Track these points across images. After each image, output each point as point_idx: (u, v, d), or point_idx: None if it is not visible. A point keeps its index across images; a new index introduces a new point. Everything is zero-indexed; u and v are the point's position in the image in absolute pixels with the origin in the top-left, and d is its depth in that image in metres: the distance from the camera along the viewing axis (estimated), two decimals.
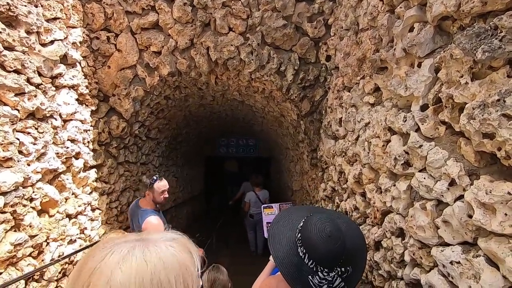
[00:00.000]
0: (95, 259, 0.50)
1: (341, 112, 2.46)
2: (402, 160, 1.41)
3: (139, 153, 4.19)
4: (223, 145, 8.52)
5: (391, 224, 1.52)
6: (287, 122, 4.13)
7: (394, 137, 1.52)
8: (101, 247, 0.52)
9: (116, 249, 0.51)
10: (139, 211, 2.48)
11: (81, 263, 0.51)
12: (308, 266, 0.98)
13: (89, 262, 0.50)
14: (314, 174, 3.56)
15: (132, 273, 0.48)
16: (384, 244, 1.61)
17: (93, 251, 0.52)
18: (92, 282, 0.47)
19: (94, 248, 0.53)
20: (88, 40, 2.92)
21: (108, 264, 0.48)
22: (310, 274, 0.97)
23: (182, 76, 3.38)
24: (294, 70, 3.06)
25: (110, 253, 0.50)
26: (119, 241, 0.53)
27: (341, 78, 2.50)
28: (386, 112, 1.62)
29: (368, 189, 1.84)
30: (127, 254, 0.50)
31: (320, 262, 0.96)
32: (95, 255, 0.51)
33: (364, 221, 1.97)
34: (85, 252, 0.63)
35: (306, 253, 0.99)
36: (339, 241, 0.97)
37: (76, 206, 2.84)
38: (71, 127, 2.69)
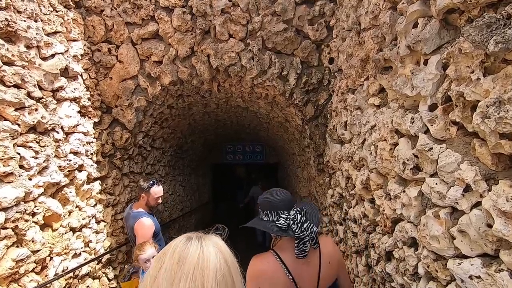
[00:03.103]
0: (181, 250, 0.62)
1: (346, 115, 2.38)
2: (411, 164, 1.32)
3: (144, 163, 4.17)
4: (229, 152, 8.47)
5: (402, 233, 1.42)
6: (292, 127, 4.05)
7: (402, 140, 1.43)
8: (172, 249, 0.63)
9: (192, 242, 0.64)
10: (132, 213, 2.56)
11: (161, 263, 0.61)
12: (272, 217, 1.29)
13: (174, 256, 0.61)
14: (322, 179, 3.46)
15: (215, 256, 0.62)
16: (395, 254, 1.50)
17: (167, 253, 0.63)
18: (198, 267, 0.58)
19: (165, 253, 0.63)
20: (89, 52, 2.93)
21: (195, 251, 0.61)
22: (277, 220, 1.27)
23: (184, 84, 3.36)
24: (296, 74, 2.99)
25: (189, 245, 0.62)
26: (183, 238, 0.66)
27: (345, 80, 2.42)
28: (393, 113, 1.54)
29: (376, 196, 1.75)
30: (201, 245, 0.63)
31: (276, 208, 1.28)
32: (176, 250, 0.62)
33: (374, 229, 1.86)
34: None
35: (264, 210, 1.32)
36: (282, 192, 1.36)
37: (80, 219, 2.81)
38: (73, 140, 2.68)
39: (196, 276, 0.57)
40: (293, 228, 1.23)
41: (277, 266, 1.24)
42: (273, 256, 1.27)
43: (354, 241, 2.23)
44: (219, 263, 0.60)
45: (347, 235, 2.40)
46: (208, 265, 0.59)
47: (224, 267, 0.61)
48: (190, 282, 0.57)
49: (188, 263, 0.58)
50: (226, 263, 0.62)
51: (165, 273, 0.58)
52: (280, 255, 1.27)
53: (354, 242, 2.21)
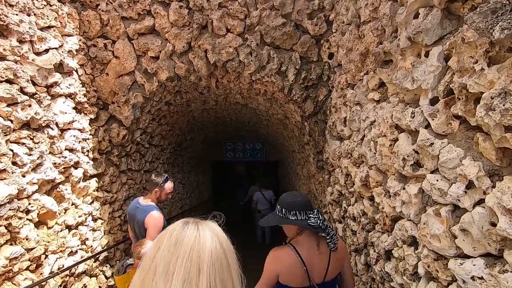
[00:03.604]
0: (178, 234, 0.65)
1: (346, 111, 2.33)
2: (411, 160, 1.27)
3: (143, 161, 4.13)
4: (229, 150, 8.42)
5: (402, 232, 1.37)
6: (292, 124, 4.00)
7: (402, 135, 1.38)
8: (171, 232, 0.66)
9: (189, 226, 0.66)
10: (141, 208, 2.50)
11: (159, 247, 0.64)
12: (301, 216, 1.45)
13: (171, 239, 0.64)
14: (321, 177, 3.42)
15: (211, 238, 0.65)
16: (395, 253, 1.46)
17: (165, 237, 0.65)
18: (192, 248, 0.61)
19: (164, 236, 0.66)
20: (85, 48, 2.88)
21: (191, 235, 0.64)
22: (308, 219, 1.43)
23: (181, 80, 3.31)
24: (295, 69, 2.94)
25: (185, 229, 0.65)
26: (181, 223, 0.68)
27: (344, 75, 2.37)
28: (392, 108, 1.49)
29: (376, 193, 1.70)
30: (198, 229, 0.66)
31: (305, 208, 1.46)
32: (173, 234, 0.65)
33: (373, 228, 1.82)
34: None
35: (292, 210, 1.46)
36: (302, 194, 1.59)
37: (76, 217, 2.78)
38: (69, 136, 2.64)
39: (192, 256, 0.60)
40: (321, 226, 1.42)
41: (294, 258, 1.45)
42: (291, 249, 1.47)
43: (353, 239, 2.18)
44: (215, 246, 0.63)
45: (346, 233, 2.36)
46: (203, 247, 0.62)
47: (219, 250, 0.64)
48: (187, 262, 0.60)
49: (185, 244, 0.61)
50: (221, 246, 0.65)
51: (162, 253, 0.61)
52: (297, 249, 1.47)
53: (353, 240, 2.17)
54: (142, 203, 2.57)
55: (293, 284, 1.46)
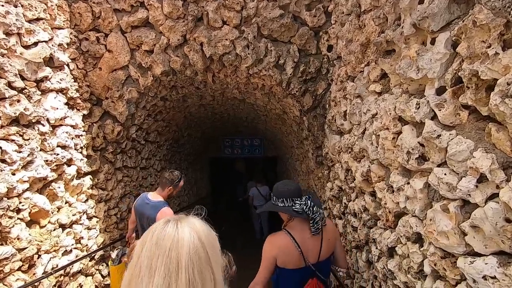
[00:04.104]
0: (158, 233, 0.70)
1: (346, 105, 2.26)
2: (416, 153, 1.21)
3: (139, 158, 4.06)
4: (227, 146, 8.35)
5: (406, 228, 1.32)
6: (290, 119, 3.93)
7: (406, 128, 1.32)
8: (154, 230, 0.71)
9: (169, 224, 0.71)
10: (152, 204, 2.48)
11: (143, 244, 0.69)
12: (288, 203, 1.59)
13: (153, 238, 0.69)
14: (320, 172, 3.36)
15: (190, 234, 0.70)
16: (399, 250, 1.41)
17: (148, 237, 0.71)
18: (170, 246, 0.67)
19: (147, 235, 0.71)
20: (76, 41, 2.79)
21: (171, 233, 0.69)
22: (293, 206, 1.57)
23: (177, 75, 3.23)
24: (293, 62, 2.87)
25: (166, 227, 0.70)
26: (164, 221, 0.73)
27: (344, 67, 2.30)
28: (396, 100, 1.43)
29: (378, 188, 1.64)
30: (180, 225, 0.71)
31: (291, 195, 1.59)
32: (155, 233, 0.70)
33: (375, 224, 1.77)
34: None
35: (280, 198, 1.61)
36: (293, 183, 1.70)
37: (70, 215, 2.71)
38: (61, 133, 2.57)
39: (172, 254, 0.66)
40: (307, 212, 1.54)
41: (288, 240, 1.57)
42: (286, 234, 1.59)
43: (354, 235, 2.13)
44: (192, 241, 0.69)
45: (347, 230, 2.30)
46: (182, 243, 0.68)
47: (197, 244, 0.69)
48: (166, 259, 0.66)
49: (164, 243, 0.67)
50: (199, 240, 0.70)
51: (146, 253, 0.68)
52: (292, 233, 1.59)
53: (354, 237, 2.12)
54: (152, 199, 2.54)
55: (290, 266, 1.58)
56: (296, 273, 1.59)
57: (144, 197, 2.64)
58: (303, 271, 1.59)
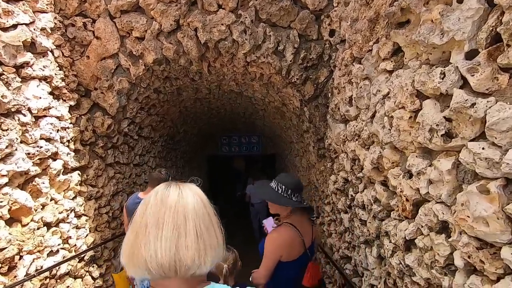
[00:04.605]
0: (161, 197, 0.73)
1: (351, 90, 2.10)
2: (442, 129, 1.05)
3: (132, 154, 3.87)
4: (225, 143, 8.18)
5: (429, 217, 1.16)
6: (290, 111, 3.77)
7: (428, 103, 1.16)
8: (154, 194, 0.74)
9: (170, 188, 0.75)
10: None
11: (146, 208, 0.72)
12: (300, 198, 1.72)
13: (157, 201, 0.72)
14: (323, 166, 3.20)
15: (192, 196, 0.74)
16: (419, 243, 1.24)
17: (149, 201, 0.73)
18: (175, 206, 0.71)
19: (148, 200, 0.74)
20: (61, 27, 2.61)
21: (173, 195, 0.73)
22: (303, 201, 1.74)
23: (170, 64, 3.05)
24: (294, 48, 2.70)
25: (168, 191, 0.74)
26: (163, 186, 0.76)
27: (349, 50, 2.14)
28: (413, 73, 1.26)
29: (392, 175, 1.48)
30: (179, 189, 0.75)
31: (301, 191, 1.75)
32: (157, 196, 0.73)
33: (388, 215, 1.61)
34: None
35: (284, 187, 1.69)
36: (296, 176, 2.02)
37: (56, 213, 2.53)
38: (45, 124, 2.38)
39: (178, 208, 0.69)
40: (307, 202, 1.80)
41: (294, 234, 1.67)
42: (290, 227, 1.69)
43: (362, 230, 1.97)
44: (196, 200, 0.73)
45: (354, 224, 2.14)
46: (186, 201, 0.71)
47: (200, 203, 0.74)
48: (174, 213, 0.69)
49: (170, 200, 0.71)
50: (201, 201, 0.74)
51: (151, 210, 0.70)
52: (296, 225, 1.69)
53: (363, 231, 1.95)
54: (142, 198, 2.45)
55: (294, 257, 1.67)
56: (297, 261, 1.69)
57: (135, 196, 2.70)
58: (302, 257, 1.72)
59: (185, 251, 0.66)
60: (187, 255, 0.66)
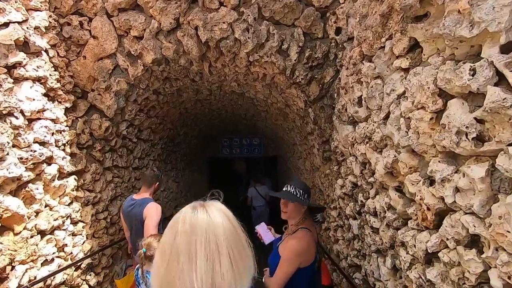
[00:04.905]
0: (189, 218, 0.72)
1: (361, 89, 1.99)
2: (473, 132, 0.94)
3: (131, 157, 3.77)
4: (226, 146, 8.07)
5: (456, 229, 1.04)
6: (293, 113, 3.66)
7: (454, 102, 1.05)
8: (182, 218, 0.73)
9: (197, 209, 0.74)
10: (138, 202, 2.48)
11: (175, 231, 0.71)
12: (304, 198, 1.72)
13: (183, 224, 0.71)
14: (328, 169, 3.09)
15: (221, 216, 0.74)
16: (443, 257, 1.13)
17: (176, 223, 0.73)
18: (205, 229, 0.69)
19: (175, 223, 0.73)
20: (57, 26, 2.51)
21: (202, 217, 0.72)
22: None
23: (170, 64, 2.95)
24: (298, 47, 2.60)
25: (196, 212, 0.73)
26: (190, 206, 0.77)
27: (358, 48, 2.04)
28: (435, 70, 1.15)
29: (409, 181, 1.37)
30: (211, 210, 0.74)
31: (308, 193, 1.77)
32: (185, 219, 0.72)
33: (404, 224, 1.49)
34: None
35: (302, 191, 1.72)
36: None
37: (51, 220, 2.42)
38: (38, 127, 2.27)
39: (209, 236, 0.68)
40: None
41: (311, 237, 1.68)
42: (307, 231, 1.69)
43: (374, 238, 1.86)
44: (225, 223, 0.72)
45: (364, 231, 2.03)
46: (216, 225, 0.70)
47: (229, 225, 0.73)
48: (205, 241, 0.67)
49: (200, 227, 0.69)
50: (230, 222, 0.74)
51: (181, 239, 0.68)
52: (311, 230, 1.72)
53: (375, 239, 1.84)
54: (137, 198, 2.54)
55: (310, 262, 1.65)
56: (312, 265, 1.68)
57: (129, 199, 2.64)
58: (315, 258, 1.71)
59: (221, 281, 0.65)
60: (224, 285, 0.65)
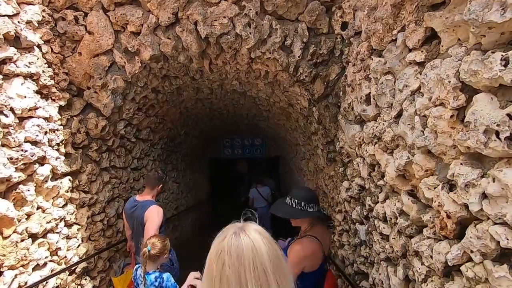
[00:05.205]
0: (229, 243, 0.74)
1: (369, 86, 1.87)
2: (506, 131, 0.82)
3: (129, 157, 3.66)
4: (227, 146, 7.96)
5: (483, 241, 0.92)
6: (296, 112, 3.55)
7: (481, 97, 0.93)
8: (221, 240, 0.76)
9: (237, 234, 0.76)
10: (140, 204, 2.48)
11: (221, 254, 0.73)
12: (317, 207, 1.74)
13: (225, 247, 0.73)
14: (333, 170, 2.97)
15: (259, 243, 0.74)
16: (467, 272, 1.01)
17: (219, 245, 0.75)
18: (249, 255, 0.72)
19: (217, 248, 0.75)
20: (50, 20, 2.41)
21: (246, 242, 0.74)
22: (320, 210, 1.77)
23: (169, 62, 2.84)
24: (302, 43, 2.48)
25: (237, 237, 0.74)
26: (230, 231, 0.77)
27: (366, 42, 1.92)
28: (457, 62, 1.03)
29: (425, 185, 1.25)
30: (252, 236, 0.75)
31: (317, 201, 1.77)
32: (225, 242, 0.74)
33: (419, 232, 1.37)
34: None
35: (311, 203, 1.71)
36: (309, 189, 2.14)
37: (44, 223, 2.31)
38: (30, 126, 2.18)
39: (256, 264, 0.70)
40: (325, 212, 1.71)
41: (317, 245, 1.68)
42: (313, 239, 1.68)
43: (383, 245, 1.73)
44: (268, 247, 0.74)
45: (372, 237, 1.90)
46: (261, 252, 0.72)
47: (271, 248, 0.74)
48: (254, 271, 0.70)
49: (247, 257, 0.71)
50: (272, 245, 0.75)
51: (229, 270, 0.70)
52: (318, 238, 1.69)
53: (384, 247, 1.72)
54: (140, 200, 2.54)
55: (314, 268, 1.68)
56: (317, 271, 1.70)
57: (132, 200, 2.62)
58: (322, 266, 1.73)
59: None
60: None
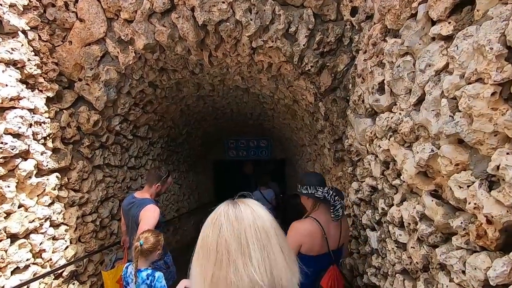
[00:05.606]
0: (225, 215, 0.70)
1: (382, 73, 1.65)
2: None
3: (126, 155, 3.50)
4: (232, 148, 7.76)
5: None
6: (302, 109, 3.33)
7: None
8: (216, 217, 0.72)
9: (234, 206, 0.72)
10: (137, 201, 2.39)
11: (216, 228, 0.69)
12: (311, 190, 1.74)
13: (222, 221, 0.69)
14: (340, 171, 2.73)
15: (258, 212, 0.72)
16: None
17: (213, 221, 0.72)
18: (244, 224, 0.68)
19: (212, 221, 0.72)
20: (39, 6, 2.26)
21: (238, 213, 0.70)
22: (316, 192, 1.72)
23: (165, 53, 2.67)
24: (308, 30, 2.27)
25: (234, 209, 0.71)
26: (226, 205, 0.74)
27: (379, 24, 1.69)
28: (502, 23, 0.81)
29: (455, 183, 1.01)
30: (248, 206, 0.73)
31: (314, 184, 1.75)
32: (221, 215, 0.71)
33: (446, 241, 1.13)
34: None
35: (304, 185, 1.78)
36: (317, 174, 2.26)
37: (26, 223, 2.14)
38: (12, 117, 2.02)
39: (257, 226, 0.68)
40: (328, 199, 1.66)
41: (317, 227, 1.67)
42: (313, 220, 1.69)
43: (399, 255, 1.49)
44: (269, 216, 0.72)
45: (386, 246, 1.66)
46: (262, 217, 0.70)
47: (273, 218, 0.73)
48: (256, 232, 0.67)
49: (247, 218, 0.68)
50: (271, 216, 0.74)
51: (227, 232, 0.66)
52: (318, 220, 1.69)
53: (401, 257, 1.47)
54: (138, 197, 2.45)
55: (314, 252, 1.65)
56: (317, 259, 1.66)
57: (130, 196, 2.54)
58: (324, 257, 1.68)
59: (278, 272, 0.65)
60: (282, 274, 0.65)
